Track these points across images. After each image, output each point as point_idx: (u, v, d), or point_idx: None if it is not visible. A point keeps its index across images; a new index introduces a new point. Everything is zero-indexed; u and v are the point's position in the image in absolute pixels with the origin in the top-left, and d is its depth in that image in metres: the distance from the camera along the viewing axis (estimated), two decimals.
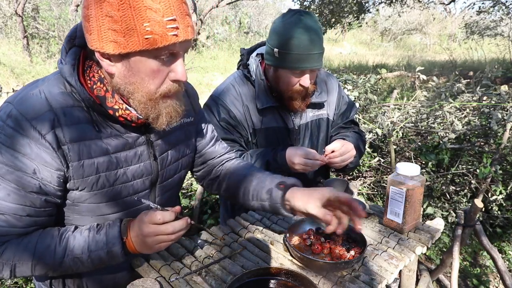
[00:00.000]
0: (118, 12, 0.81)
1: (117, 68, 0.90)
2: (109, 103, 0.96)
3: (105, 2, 0.81)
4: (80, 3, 11.55)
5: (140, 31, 0.82)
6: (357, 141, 1.73)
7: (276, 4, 23.06)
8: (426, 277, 2.35)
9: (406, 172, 1.32)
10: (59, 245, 0.98)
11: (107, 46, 0.85)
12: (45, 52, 10.62)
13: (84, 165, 0.96)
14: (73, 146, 0.94)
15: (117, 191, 1.06)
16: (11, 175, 0.90)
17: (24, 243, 0.96)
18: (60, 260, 0.97)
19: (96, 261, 1.01)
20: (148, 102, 0.93)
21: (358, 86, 3.89)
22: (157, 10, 0.82)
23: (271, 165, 1.53)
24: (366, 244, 1.21)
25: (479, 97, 3.41)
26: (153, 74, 0.90)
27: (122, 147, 1.02)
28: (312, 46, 1.45)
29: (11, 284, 2.41)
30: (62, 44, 0.98)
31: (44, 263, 0.97)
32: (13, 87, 3.12)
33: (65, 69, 0.93)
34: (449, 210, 3.22)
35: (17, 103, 0.92)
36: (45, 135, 0.90)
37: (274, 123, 1.65)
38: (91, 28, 0.85)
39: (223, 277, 1.11)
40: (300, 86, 1.53)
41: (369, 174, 3.94)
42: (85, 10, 0.85)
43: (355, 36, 20.90)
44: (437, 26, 19.88)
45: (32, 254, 0.96)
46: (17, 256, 0.95)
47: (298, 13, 1.48)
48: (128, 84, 0.92)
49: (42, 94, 0.93)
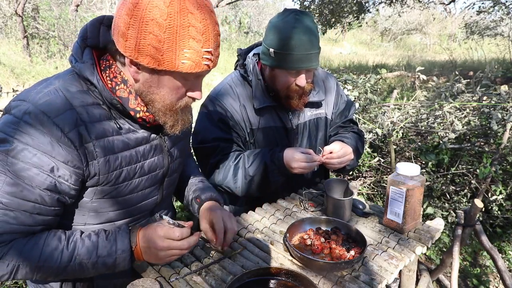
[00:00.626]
0: (164, 34, 0.86)
1: (143, 76, 0.96)
2: (131, 104, 1.01)
3: (153, 21, 0.86)
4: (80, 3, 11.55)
5: (179, 55, 0.89)
6: (356, 142, 1.72)
7: (276, 4, 23.06)
8: (426, 277, 2.35)
9: (406, 172, 1.32)
10: (66, 248, 0.97)
11: (142, 58, 0.90)
12: (45, 52, 10.61)
13: (109, 160, 1.00)
14: (98, 142, 0.97)
15: (135, 185, 1.09)
16: (26, 172, 0.90)
17: (30, 244, 0.95)
18: (66, 264, 0.97)
19: (101, 268, 1.01)
20: (167, 111, 1.01)
21: (358, 86, 3.89)
22: (198, 40, 0.89)
23: (268, 166, 1.53)
24: (366, 244, 1.21)
25: (479, 97, 3.40)
26: (176, 90, 0.98)
27: (140, 142, 1.07)
28: (308, 46, 1.45)
29: (11, 284, 2.41)
30: (74, 44, 1.00)
31: (48, 266, 0.96)
32: (13, 87, 3.12)
33: (84, 68, 0.95)
34: (449, 210, 3.22)
35: (34, 101, 0.92)
36: (68, 133, 0.91)
37: (271, 122, 1.65)
38: (129, 37, 0.89)
39: (223, 277, 1.11)
40: (296, 86, 1.53)
41: (369, 174, 3.94)
42: (126, 18, 0.88)
43: (355, 36, 20.90)
44: (437, 26, 19.87)
45: (38, 255, 0.95)
46: (22, 256, 0.93)
47: (293, 13, 1.48)
48: (151, 93, 0.98)
49: (60, 92, 0.95)
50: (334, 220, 1.37)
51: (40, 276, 0.97)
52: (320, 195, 1.67)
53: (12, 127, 0.90)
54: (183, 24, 0.87)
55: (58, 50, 10.87)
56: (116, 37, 0.93)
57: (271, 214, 1.50)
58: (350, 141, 1.70)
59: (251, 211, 1.52)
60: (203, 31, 0.89)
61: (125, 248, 1.01)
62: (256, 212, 1.52)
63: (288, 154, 1.51)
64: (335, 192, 1.54)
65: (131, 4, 0.88)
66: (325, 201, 1.51)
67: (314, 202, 1.63)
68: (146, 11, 0.86)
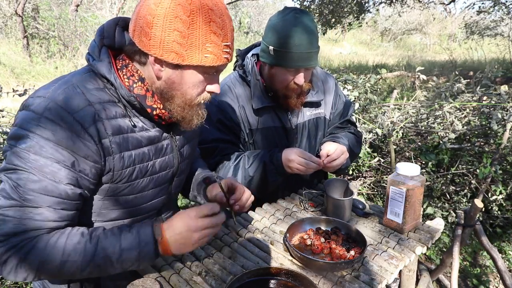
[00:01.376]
0: (187, 29, 0.92)
1: (166, 73, 0.99)
2: (148, 102, 1.03)
3: (177, 18, 0.91)
4: (80, 3, 11.55)
5: (202, 49, 0.94)
6: (350, 143, 1.73)
7: (276, 4, 23.08)
8: (426, 277, 2.35)
9: (406, 172, 1.32)
10: (89, 242, 0.96)
11: (167, 55, 0.94)
12: (45, 52, 10.62)
13: (124, 157, 1.01)
14: (114, 138, 0.99)
15: (146, 183, 1.11)
16: (49, 168, 0.91)
17: (53, 239, 0.95)
18: (90, 258, 0.96)
19: (126, 262, 0.99)
20: (186, 107, 1.04)
21: (358, 86, 3.88)
22: (219, 35, 0.95)
23: (267, 166, 1.53)
24: (366, 244, 1.21)
25: (479, 97, 3.40)
26: (197, 85, 1.02)
27: (152, 140, 1.09)
28: (308, 45, 1.45)
29: (11, 284, 2.41)
30: (92, 42, 1.02)
31: (72, 261, 0.94)
32: (13, 87, 3.12)
33: (102, 66, 0.98)
34: (449, 210, 3.22)
35: (54, 97, 0.93)
36: (87, 128, 0.93)
37: (271, 122, 1.65)
38: (153, 35, 0.93)
39: (223, 277, 1.11)
40: (294, 84, 1.53)
41: (369, 174, 3.94)
42: (149, 17, 0.92)
43: (355, 36, 20.90)
44: (437, 26, 19.87)
45: (62, 250, 0.94)
46: (46, 252, 0.93)
47: (294, 11, 1.48)
48: (173, 89, 1.01)
49: (77, 89, 0.97)
50: (334, 220, 1.37)
51: (65, 272, 0.96)
52: (320, 195, 1.67)
53: (33, 123, 0.91)
54: (205, 19, 0.92)
55: (58, 50, 10.88)
56: (138, 37, 0.96)
57: (271, 214, 1.50)
58: (343, 140, 1.69)
59: (251, 211, 1.52)
60: (222, 26, 0.95)
61: (148, 240, 0.99)
62: (256, 212, 1.52)
63: (286, 152, 1.52)
64: (335, 192, 1.54)
65: (153, 4, 0.92)
66: (325, 201, 1.51)
67: (314, 202, 1.63)
68: (170, 9, 0.91)
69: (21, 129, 0.92)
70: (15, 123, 0.95)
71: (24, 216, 0.91)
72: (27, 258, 0.92)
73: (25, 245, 0.92)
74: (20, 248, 0.91)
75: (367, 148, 3.67)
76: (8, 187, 0.91)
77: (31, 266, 0.92)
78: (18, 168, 0.91)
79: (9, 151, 0.93)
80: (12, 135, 0.93)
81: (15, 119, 0.96)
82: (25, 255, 0.91)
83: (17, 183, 0.90)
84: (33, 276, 0.94)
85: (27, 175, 0.90)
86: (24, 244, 0.92)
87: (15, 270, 0.91)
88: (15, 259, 0.91)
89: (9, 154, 0.93)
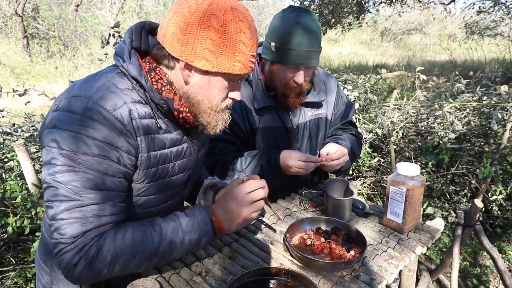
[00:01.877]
0: (219, 38, 0.96)
1: (194, 79, 1.03)
2: (176, 105, 1.06)
3: (211, 27, 0.95)
4: (80, 3, 11.55)
5: (231, 58, 0.99)
6: (351, 144, 1.73)
7: (276, 4, 23.07)
8: (426, 277, 2.35)
9: (406, 172, 1.32)
10: (153, 230, 1.01)
11: (198, 61, 0.98)
12: (45, 52, 10.62)
13: (150, 157, 1.04)
14: (144, 138, 1.02)
15: (165, 184, 1.13)
16: (100, 165, 0.93)
17: (121, 232, 0.97)
18: (157, 245, 1.00)
19: (188, 244, 1.04)
20: (212, 112, 1.08)
21: (358, 86, 3.88)
22: (247, 45, 1.01)
23: (264, 168, 1.53)
24: (366, 244, 1.21)
25: (479, 97, 3.40)
26: (222, 91, 1.06)
27: (174, 143, 1.11)
28: (309, 44, 1.46)
29: (11, 284, 2.41)
30: (121, 44, 1.04)
31: (142, 250, 0.98)
32: (13, 87, 3.13)
33: (133, 68, 1.01)
34: (449, 210, 3.22)
35: (91, 97, 0.95)
36: (127, 126, 0.97)
37: (272, 122, 1.65)
38: (185, 42, 0.97)
39: (223, 277, 1.11)
40: (294, 83, 1.53)
41: (369, 174, 3.94)
42: (183, 25, 0.96)
43: (355, 36, 20.90)
44: (437, 26, 19.87)
45: (131, 242, 0.97)
46: (116, 247, 0.95)
47: (298, 9, 1.49)
48: (200, 94, 1.05)
49: (112, 88, 0.98)
50: (334, 220, 1.37)
51: (135, 264, 0.98)
52: (320, 195, 1.67)
53: (77, 123, 0.92)
54: (236, 30, 0.97)
55: (58, 50, 10.88)
56: (169, 43, 0.99)
57: (271, 214, 1.50)
58: (345, 142, 1.70)
59: None
60: (250, 37, 1.01)
61: (206, 219, 1.07)
62: None
63: (285, 154, 1.53)
64: (335, 192, 1.54)
65: (188, 13, 0.96)
66: (325, 201, 1.51)
67: (314, 202, 1.63)
68: (204, 18, 0.95)
69: (63, 131, 0.92)
70: (51, 125, 0.94)
71: (89, 215, 0.93)
72: (99, 255, 0.94)
73: (94, 244, 0.93)
74: (89, 247, 0.93)
75: (367, 148, 3.67)
76: (64, 191, 0.91)
77: (104, 263, 0.95)
78: (75, 169, 0.91)
79: (52, 155, 0.92)
80: (53, 137, 0.93)
81: (48, 121, 0.96)
82: (96, 253, 0.93)
83: (73, 184, 0.91)
84: (106, 272, 0.96)
85: (82, 175, 0.92)
86: (94, 243, 0.93)
87: (88, 269, 0.93)
88: (86, 259, 0.93)
89: (52, 159, 0.92)
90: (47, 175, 0.93)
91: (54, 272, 1.17)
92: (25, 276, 2.41)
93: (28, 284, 2.44)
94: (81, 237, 0.93)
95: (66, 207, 0.91)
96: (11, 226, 2.23)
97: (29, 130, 2.90)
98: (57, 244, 0.93)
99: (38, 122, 3.02)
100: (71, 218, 0.92)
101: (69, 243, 0.92)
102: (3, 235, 2.48)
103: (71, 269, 0.93)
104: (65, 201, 0.91)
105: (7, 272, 2.43)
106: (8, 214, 2.26)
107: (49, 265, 1.17)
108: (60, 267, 0.94)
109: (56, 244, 0.93)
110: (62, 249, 0.92)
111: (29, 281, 2.44)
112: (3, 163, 2.74)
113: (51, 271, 1.17)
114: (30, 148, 2.80)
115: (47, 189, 0.93)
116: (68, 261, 0.92)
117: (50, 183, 0.92)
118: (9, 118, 3.14)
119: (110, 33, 2.96)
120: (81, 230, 0.92)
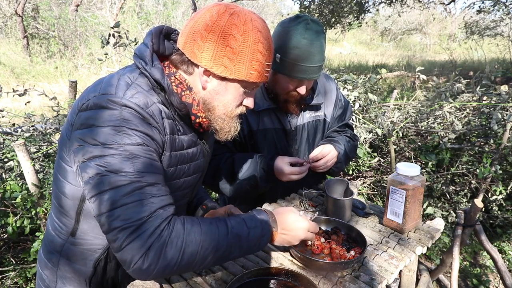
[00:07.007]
0: (239, 47, 1.00)
1: (212, 84, 1.06)
2: (194, 110, 1.09)
3: (231, 36, 0.99)
4: (80, 3, 11.55)
5: (248, 66, 1.03)
6: (345, 146, 1.73)
7: (276, 4, 23.07)
8: (426, 277, 2.35)
9: (406, 172, 1.32)
10: (218, 222, 1.00)
11: (216, 68, 1.02)
12: (45, 52, 10.62)
13: (172, 156, 1.06)
14: (168, 137, 1.04)
15: (179, 184, 1.14)
16: (146, 152, 0.95)
17: (189, 220, 0.96)
18: (224, 236, 0.98)
19: (252, 240, 1.03)
20: (226, 118, 1.11)
21: (358, 86, 3.88)
22: (264, 55, 1.04)
23: (258, 173, 1.54)
24: (366, 244, 1.21)
25: (479, 97, 3.40)
26: (237, 98, 1.09)
27: (190, 145, 1.13)
28: (314, 59, 1.45)
29: (11, 284, 2.41)
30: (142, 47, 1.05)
31: (210, 240, 0.95)
32: (13, 87, 3.12)
33: (156, 72, 1.02)
34: (449, 210, 3.22)
35: (122, 94, 0.96)
36: (158, 122, 1.00)
37: (271, 124, 1.65)
38: (205, 49, 1.00)
39: (223, 277, 1.11)
40: (295, 92, 1.54)
41: (369, 174, 3.94)
42: (204, 32, 1.00)
43: (355, 36, 20.91)
44: (437, 26, 19.87)
45: (199, 229, 0.95)
46: (186, 232, 0.93)
47: (305, 21, 1.46)
48: (216, 100, 1.08)
49: (139, 87, 1.00)
50: (334, 220, 1.37)
51: (202, 254, 0.94)
52: (320, 195, 1.67)
53: (115, 119, 0.93)
54: (254, 40, 1.01)
55: (58, 50, 10.88)
56: (189, 49, 1.02)
57: None
58: (339, 145, 1.71)
59: (250, 210, 1.52)
60: (267, 47, 1.05)
61: (266, 219, 1.09)
62: None
63: (278, 166, 1.54)
64: (335, 192, 1.54)
65: (210, 21, 1.00)
66: (325, 201, 1.51)
67: (314, 202, 1.63)
68: (225, 27, 0.99)
69: (103, 127, 0.92)
70: (86, 124, 0.94)
71: (148, 196, 0.91)
72: (171, 238, 0.90)
73: (165, 226, 0.91)
74: (162, 230, 0.90)
75: (367, 148, 3.67)
76: (118, 178, 0.90)
77: (175, 249, 0.90)
78: (124, 157, 0.91)
79: (96, 152, 0.91)
80: (93, 135, 0.92)
81: (82, 121, 0.95)
82: (168, 236, 0.90)
83: (126, 170, 0.90)
84: (174, 263, 0.91)
85: (132, 160, 0.92)
86: (165, 226, 0.91)
87: (159, 255, 0.88)
88: (159, 241, 0.89)
89: (98, 154, 0.91)
90: (95, 170, 0.90)
91: (59, 270, 1.16)
92: (25, 276, 2.41)
93: (28, 284, 2.44)
94: (150, 219, 0.89)
95: (125, 192, 0.89)
96: (11, 226, 2.23)
97: (29, 130, 2.90)
98: (122, 232, 0.87)
99: (38, 122, 3.02)
100: (133, 201, 0.89)
101: (137, 226, 0.88)
102: (3, 235, 2.49)
103: (143, 255, 0.87)
104: (122, 185, 0.89)
105: (7, 272, 2.43)
106: (8, 214, 2.26)
107: (54, 263, 1.16)
108: (127, 259, 0.88)
109: (119, 232, 0.88)
110: (130, 234, 0.87)
111: (29, 281, 2.44)
112: (3, 163, 2.74)
113: (57, 269, 1.16)
114: (30, 148, 2.80)
115: (97, 183, 0.90)
116: (139, 247, 0.87)
117: (101, 172, 0.90)
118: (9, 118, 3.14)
119: (110, 33, 2.97)
120: (147, 211, 0.89)
